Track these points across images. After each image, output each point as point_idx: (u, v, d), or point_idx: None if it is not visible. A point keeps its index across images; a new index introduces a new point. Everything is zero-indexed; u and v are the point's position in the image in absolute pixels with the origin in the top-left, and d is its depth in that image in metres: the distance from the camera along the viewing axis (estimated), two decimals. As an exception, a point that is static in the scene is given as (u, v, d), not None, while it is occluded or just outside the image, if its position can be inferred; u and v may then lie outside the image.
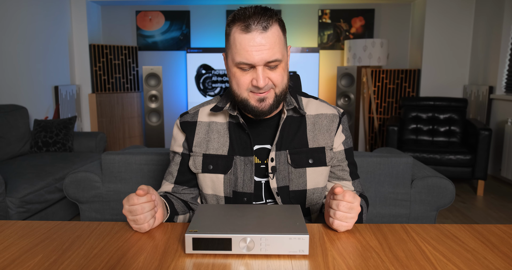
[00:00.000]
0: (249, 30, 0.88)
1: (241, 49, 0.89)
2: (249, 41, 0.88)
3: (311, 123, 1.05)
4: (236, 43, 0.90)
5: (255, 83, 0.91)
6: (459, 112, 3.74)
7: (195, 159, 1.05)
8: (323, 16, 4.71)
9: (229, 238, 0.74)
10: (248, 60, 0.89)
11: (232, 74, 0.94)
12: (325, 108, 1.07)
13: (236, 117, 1.02)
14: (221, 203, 1.05)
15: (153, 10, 4.75)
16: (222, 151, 1.03)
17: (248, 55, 0.89)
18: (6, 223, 0.92)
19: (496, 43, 3.82)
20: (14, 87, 3.37)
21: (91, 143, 3.32)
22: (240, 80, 0.93)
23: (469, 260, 0.73)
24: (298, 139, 1.03)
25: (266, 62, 0.90)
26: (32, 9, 3.61)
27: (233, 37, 0.91)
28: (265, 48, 0.88)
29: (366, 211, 1.06)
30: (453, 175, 3.36)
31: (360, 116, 4.77)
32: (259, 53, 0.88)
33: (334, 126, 1.05)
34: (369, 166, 1.67)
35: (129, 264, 0.71)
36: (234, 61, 0.91)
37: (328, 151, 1.04)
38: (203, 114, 1.07)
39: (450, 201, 1.67)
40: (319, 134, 1.04)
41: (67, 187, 1.72)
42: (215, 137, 1.04)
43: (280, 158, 1.02)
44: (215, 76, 4.55)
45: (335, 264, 0.71)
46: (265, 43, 0.88)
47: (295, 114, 1.05)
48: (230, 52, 0.93)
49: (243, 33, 0.89)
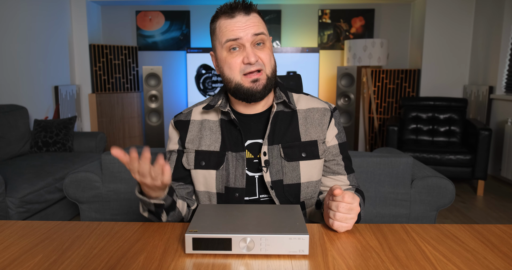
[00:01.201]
0: (233, 16, 0.95)
1: (227, 30, 0.95)
2: (234, 23, 0.95)
3: (303, 117, 1.06)
4: (222, 28, 0.96)
5: (246, 60, 0.95)
6: (459, 112, 3.74)
7: (188, 156, 1.07)
8: (323, 16, 4.71)
9: (229, 238, 0.74)
10: (235, 35, 0.94)
11: (223, 61, 0.98)
12: (316, 102, 1.09)
13: (228, 113, 1.05)
14: (213, 200, 1.06)
15: (153, 10, 4.75)
16: (214, 147, 1.04)
17: (235, 32, 0.94)
18: (6, 223, 0.92)
19: (496, 43, 3.82)
20: (14, 87, 3.37)
21: (91, 143, 3.32)
22: (232, 62, 0.96)
23: (469, 260, 0.73)
24: (290, 133, 1.04)
25: (252, 34, 0.95)
26: (32, 9, 3.61)
27: (218, 26, 0.97)
28: (250, 26, 0.95)
29: (363, 206, 1.07)
30: (453, 175, 3.35)
31: (360, 116, 4.77)
32: (244, 29, 0.95)
33: (326, 119, 1.07)
34: (369, 166, 1.67)
35: (129, 264, 0.71)
36: (222, 42, 0.96)
37: (321, 144, 1.05)
38: (196, 113, 1.10)
39: (450, 201, 1.67)
40: (311, 128, 1.05)
41: (67, 187, 1.72)
42: (207, 134, 1.06)
43: (273, 152, 1.03)
44: (215, 76, 4.55)
45: (335, 264, 0.71)
46: (249, 22, 0.95)
47: (286, 109, 1.06)
48: (217, 41, 0.98)
49: (228, 19, 0.96)
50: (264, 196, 1.05)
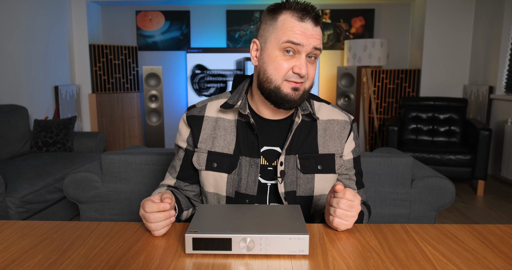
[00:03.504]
0: (304, 20, 0.91)
1: (293, 32, 0.90)
2: (303, 28, 0.90)
3: (322, 128, 1.03)
4: (287, 25, 0.91)
5: (297, 70, 0.91)
6: (459, 112, 3.74)
7: (199, 156, 1.03)
8: (323, 16, 4.71)
9: (229, 238, 0.74)
10: (298, 40, 0.90)
11: (272, 58, 0.93)
12: (337, 114, 1.06)
13: (246, 116, 1.00)
14: (222, 202, 1.03)
15: (153, 10, 4.75)
16: (228, 150, 1.01)
17: (299, 37, 0.90)
18: (6, 223, 0.92)
19: (496, 43, 3.82)
20: (14, 87, 3.37)
21: (91, 143, 3.32)
22: (281, 64, 0.92)
23: (469, 260, 0.73)
24: (309, 144, 1.01)
25: (313, 47, 0.91)
26: (32, 9, 3.61)
27: (282, 21, 0.92)
28: (314, 37, 0.91)
29: (368, 218, 1.05)
30: (453, 175, 3.35)
31: (360, 116, 4.77)
32: (309, 39, 0.91)
33: (345, 133, 1.04)
34: (369, 166, 1.67)
35: (129, 264, 0.71)
36: (280, 40, 0.91)
37: (338, 159, 1.03)
38: (211, 109, 1.05)
39: (450, 201, 1.67)
40: (330, 140, 1.03)
41: (67, 187, 1.72)
42: (221, 135, 1.02)
43: (289, 163, 1.00)
44: (209, 76, 4.53)
45: (335, 264, 0.71)
46: (315, 34, 0.92)
47: (307, 118, 1.04)
48: (274, 35, 0.93)
49: (297, 20, 0.91)
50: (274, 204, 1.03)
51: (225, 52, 4.46)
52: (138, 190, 1.70)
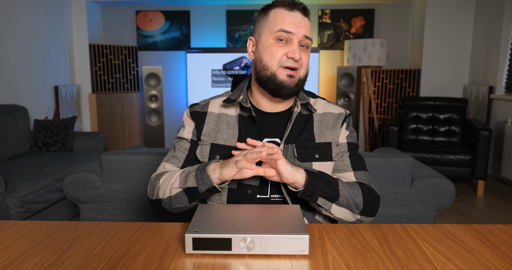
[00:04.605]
0: (292, 10, 0.99)
1: (283, 21, 0.97)
2: (293, 17, 0.98)
3: (318, 120, 1.08)
4: (278, 17, 0.98)
5: (290, 55, 0.97)
6: (459, 112, 3.74)
7: (203, 148, 1.07)
8: (323, 16, 4.71)
9: (229, 238, 0.74)
10: (289, 29, 0.97)
11: (266, 47, 0.99)
12: (332, 107, 1.11)
13: (248, 109, 1.06)
14: (224, 194, 1.05)
15: (153, 10, 4.75)
16: (230, 142, 1.05)
17: (290, 26, 0.97)
18: (6, 223, 0.92)
19: (496, 43, 3.82)
20: (14, 87, 3.37)
21: (91, 143, 3.32)
22: (275, 50, 0.98)
23: (469, 260, 0.73)
24: (305, 134, 1.05)
25: (303, 36, 0.98)
26: (32, 9, 3.61)
27: (273, 14, 0.99)
28: (304, 26, 0.99)
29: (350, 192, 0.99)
30: (453, 175, 3.35)
31: (360, 116, 4.77)
32: (299, 28, 0.98)
33: (339, 123, 1.08)
34: (369, 166, 1.67)
35: (129, 264, 0.71)
36: (273, 30, 0.98)
37: (335, 147, 1.06)
38: (213, 106, 1.10)
39: (450, 201, 1.67)
40: (325, 130, 1.07)
41: (67, 187, 1.72)
42: (224, 128, 1.06)
43: (287, 152, 1.03)
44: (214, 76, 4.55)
45: (335, 264, 0.71)
46: (304, 23, 0.99)
47: (305, 111, 1.08)
48: (267, 27, 1.00)
49: (286, 11, 0.98)
50: (275, 196, 1.04)
51: (225, 52, 4.46)
52: (138, 190, 1.70)
